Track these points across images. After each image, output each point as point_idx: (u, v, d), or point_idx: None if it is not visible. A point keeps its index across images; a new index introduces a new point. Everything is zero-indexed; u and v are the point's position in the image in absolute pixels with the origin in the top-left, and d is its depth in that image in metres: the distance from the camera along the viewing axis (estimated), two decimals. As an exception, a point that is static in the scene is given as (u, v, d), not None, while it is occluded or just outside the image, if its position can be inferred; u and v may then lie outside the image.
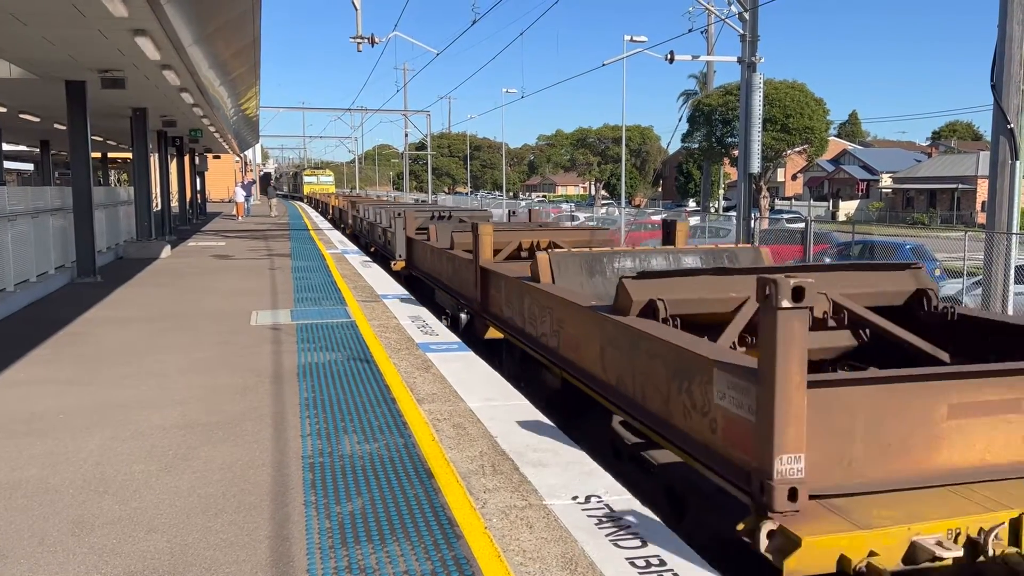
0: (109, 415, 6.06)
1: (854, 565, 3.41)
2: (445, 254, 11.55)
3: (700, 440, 4.35)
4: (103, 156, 41.87)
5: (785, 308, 3.55)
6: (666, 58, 20.64)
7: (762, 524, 3.56)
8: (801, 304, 3.57)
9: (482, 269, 9.20)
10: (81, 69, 13.11)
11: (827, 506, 3.70)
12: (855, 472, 3.85)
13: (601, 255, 7.66)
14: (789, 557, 3.42)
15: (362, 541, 3.89)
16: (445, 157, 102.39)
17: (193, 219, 36.70)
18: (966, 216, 54.94)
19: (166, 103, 18.50)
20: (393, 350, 8.19)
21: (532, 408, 6.07)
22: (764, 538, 3.54)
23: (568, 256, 7.57)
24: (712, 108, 48.30)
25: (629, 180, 69.16)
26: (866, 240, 19.90)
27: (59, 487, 4.66)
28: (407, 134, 59.13)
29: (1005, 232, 11.48)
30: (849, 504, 3.72)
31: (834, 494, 3.77)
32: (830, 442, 3.80)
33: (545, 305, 7.07)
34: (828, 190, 72.01)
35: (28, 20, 9.69)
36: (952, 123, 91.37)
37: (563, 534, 3.90)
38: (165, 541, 3.94)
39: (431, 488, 4.54)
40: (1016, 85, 11.27)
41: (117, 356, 8.12)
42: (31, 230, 12.52)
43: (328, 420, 5.82)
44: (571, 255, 7.62)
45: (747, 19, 17.42)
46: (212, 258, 18.61)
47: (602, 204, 65.43)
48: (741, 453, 3.92)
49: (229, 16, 12.55)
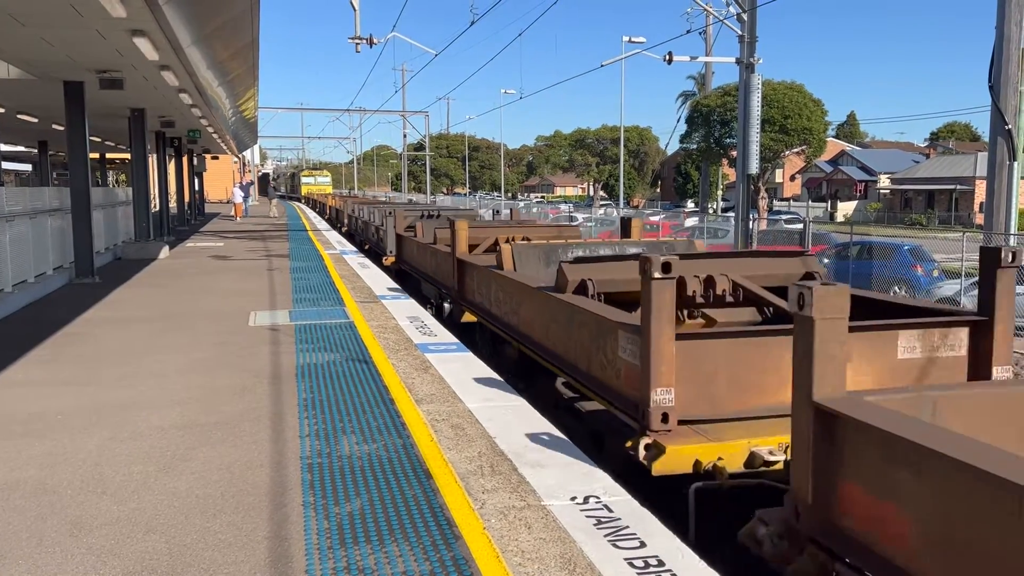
0: (107, 416, 6.06)
1: (704, 466, 4.60)
2: (429, 248, 12.60)
3: (611, 386, 5.56)
4: (101, 157, 41.83)
5: (657, 279, 4.75)
6: (664, 59, 20.66)
7: (641, 440, 4.75)
8: (669, 276, 4.76)
9: (458, 260, 10.24)
10: (79, 70, 13.10)
11: (693, 429, 4.87)
12: (717, 405, 5.00)
13: (557, 246, 8.79)
14: (656, 461, 4.58)
15: (361, 542, 3.89)
16: (444, 158, 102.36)
17: (191, 220, 36.70)
18: (964, 217, 55.00)
19: (164, 104, 18.49)
20: (392, 351, 8.19)
21: (531, 409, 6.07)
22: (643, 450, 4.70)
23: (528, 247, 8.74)
24: (710, 109, 48.32)
25: (627, 181, 69.18)
26: (864, 241, 19.90)
27: (57, 488, 4.66)
28: (405, 135, 59.23)
29: (1003, 233, 11.49)
30: (711, 428, 4.88)
31: (700, 420, 4.95)
32: (696, 382, 4.97)
33: (507, 289, 8.22)
34: (826, 191, 72.06)
35: (26, 20, 9.68)
36: (950, 124, 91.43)
37: (562, 534, 3.91)
38: (164, 542, 3.94)
39: (430, 489, 4.54)
40: (1014, 86, 11.29)
41: (115, 357, 8.11)
42: (29, 231, 12.51)
43: (327, 421, 5.82)
44: (531, 247, 8.79)
45: (745, 20, 17.45)
46: (210, 259, 18.61)
47: (601, 205, 65.43)
48: (633, 391, 5.10)
49: (227, 17, 12.55)
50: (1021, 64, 11.29)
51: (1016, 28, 11.17)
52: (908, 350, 5.24)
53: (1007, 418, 3.47)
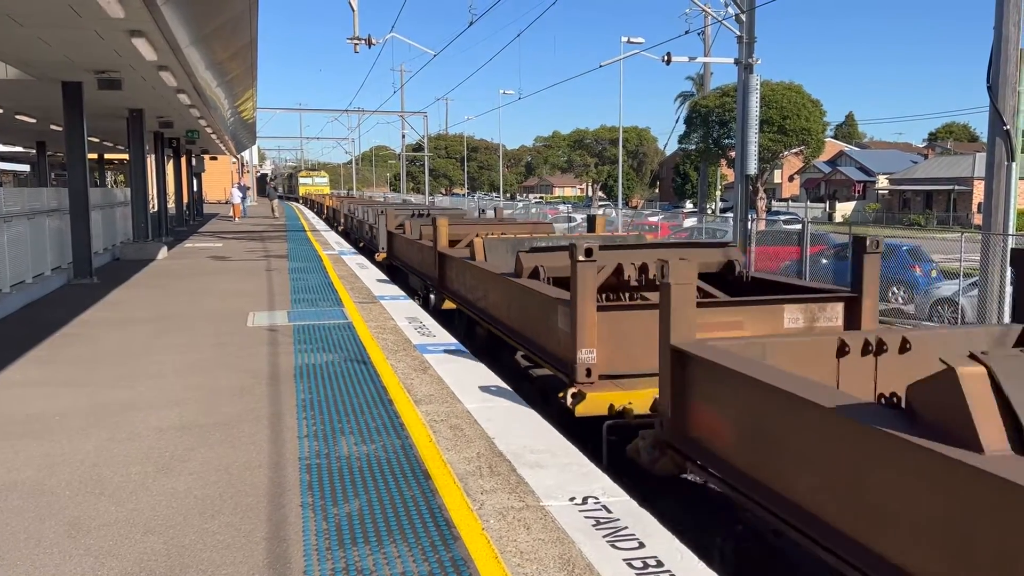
0: (106, 417, 6.05)
1: (615, 408, 5.74)
2: (415, 244, 13.80)
3: (553, 352, 6.67)
4: (100, 157, 41.78)
5: (581, 261, 5.93)
6: (663, 59, 20.67)
7: (569, 390, 5.93)
8: (591, 259, 5.95)
9: (439, 254, 11.24)
10: (77, 70, 13.09)
11: (612, 382, 6.03)
12: (631, 363, 6.03)
13: (523, 239, 10.03)
14: (579, 405, 5.82)
15: (359, 542, 3.89)
16: (442, 158, 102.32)
17: (190, 220, 36.67)
18: (962, 217, 55.02)
19: (163, 104, 18.47)
20: (390, 351, 8.18)
21: (529, 409, 6.07)
22: (570, 398, 5.88)
23: (497, 241, 9.99)
24: (709, 109, 48.32)
25: (626, 181, 69.14)
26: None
27: (56, 489, 4.65)
28: (404, 135, 59.21)
29: (1001, 233, 11.50)
30: (627, 381, 6.00)
31: (618, 375, 6.10)
32: (616, 345, 6.11)
33: (477, 277, 9.31)
34: (825, 191, 72.08)
35: (24, 21, 9.67)
36: (948, 124, 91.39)
37: (560, 535, 3.90)
38: (162, 543, 3.93)
39: (428, 489, 4.53)
40: (1012, 87, 11.29)
41: (114, 357, 8.10)
42: (27, 231, 12.49)
43: (325, 421, 5.81)
44: (500, 240, 10.08)
45: (744, 21, 17.45)
46: (209, 259, 18.60)
47: (599, 205, 65.40)
48: (567, 353, 6.20)
49: (226, 17, 12.53)
50: (1019, 65, 11.29)
51: (1014, 28, 11.17)
52: (792, 320, 6.37)
53: (815, 358, 4.61)
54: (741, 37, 17.62)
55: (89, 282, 14.21)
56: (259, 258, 18.72)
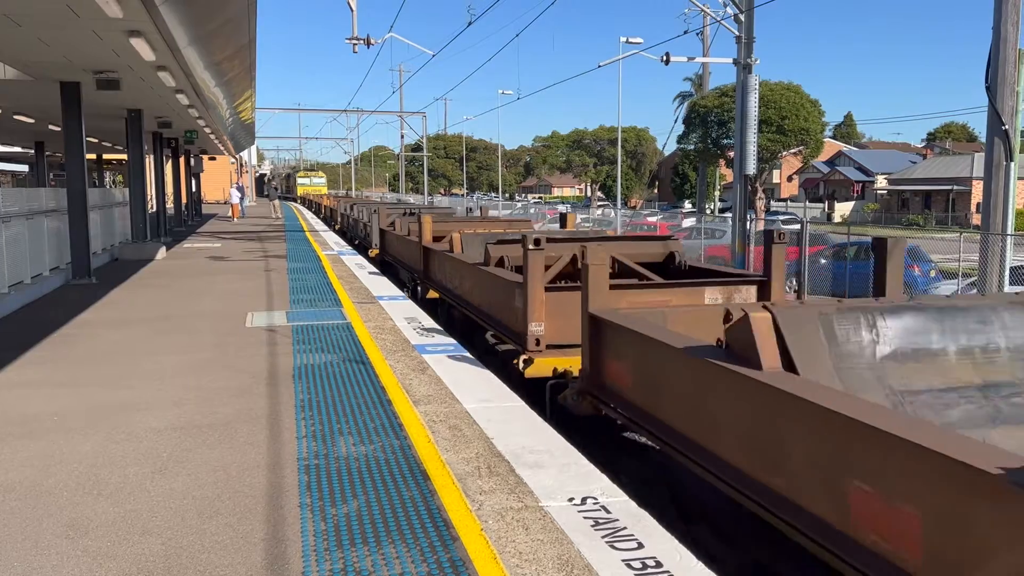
0: (104, 417, 6.04)
1: (558, 371, 6.86)
2: (404, 239, 14.91)
3: (511, 328, 7.78)
4: (98, 158, 41.77)
5: (531, 249, 7.11)
6: (662, 59, 20.67)
7: (521, 357, 7.14)
8: (540, 248, 7.14)
9: (424, 248, 12.49)
10: (76, 70, 13.07)
11: (558, 351, 7.10)
12: (574, 335, 6.43)
13: (496, 234, 11.16)
14: (528, 368, 7.04)
15: (358, 543, 3.88)
16: (441, 158, 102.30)
17: (189, 221, 36.64)
18: (961, 217, 55.04)
19: (161, 104, 18.46)
20: (389, 352, 8.18)
21: (529, 410, 6.07)
22: (522, 363, 7.08)
23: (472, 235, 11.24)
24: (708, 110, 48.30)
25: (625, 182, 69.12)
26: (861, 241, 19.88)
27: (53, 489, 4.64)
28: (403, 135, 59.13)
29: (1000, 233, 11.50)
30: (570, 350, 6.86)
31: (563, 345, 7.12)
32: (561, 320, 7.12)
33: (455, 267, 10.44)
34: (823, 192, 72.10)
35: (22, 21, 9.66)
36: (947, 124, 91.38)
37: (559, 536, 3.90)
38: (160, 544, 3.93)
39: (427, 490, 4.53)
40: (1011, 87, 11.29)
41: (112, 358, 8.09)
42: (26, 232, 12.48)
43: (324, 422, 5.81)
44: (475, 234, 11.38)
45: (742, 21, 17.45)
46: (208, 260, 18.58)
47: (598, 205, 65.40)
48: (521, 328, 7.31)
49: (225, 17, 12.53)
50: (1018, 65, 11.29)
51: (1013, 29, 11.16)
52: (712, 299, 7.58)
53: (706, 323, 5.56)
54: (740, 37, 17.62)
55: (87, 282, 14.20)
56: (258, 258, 18.71)
